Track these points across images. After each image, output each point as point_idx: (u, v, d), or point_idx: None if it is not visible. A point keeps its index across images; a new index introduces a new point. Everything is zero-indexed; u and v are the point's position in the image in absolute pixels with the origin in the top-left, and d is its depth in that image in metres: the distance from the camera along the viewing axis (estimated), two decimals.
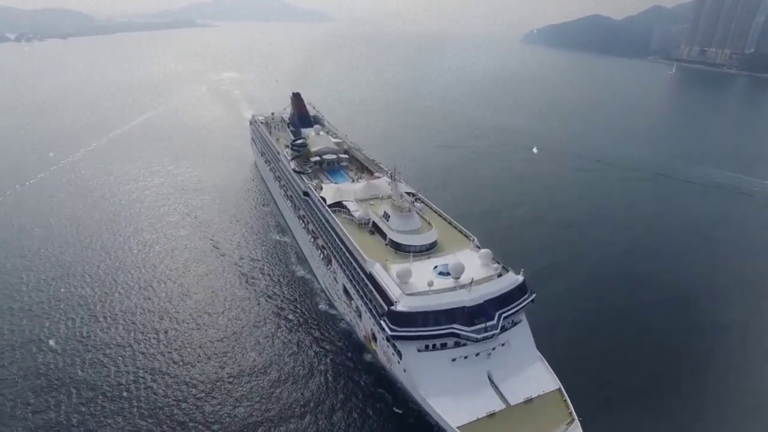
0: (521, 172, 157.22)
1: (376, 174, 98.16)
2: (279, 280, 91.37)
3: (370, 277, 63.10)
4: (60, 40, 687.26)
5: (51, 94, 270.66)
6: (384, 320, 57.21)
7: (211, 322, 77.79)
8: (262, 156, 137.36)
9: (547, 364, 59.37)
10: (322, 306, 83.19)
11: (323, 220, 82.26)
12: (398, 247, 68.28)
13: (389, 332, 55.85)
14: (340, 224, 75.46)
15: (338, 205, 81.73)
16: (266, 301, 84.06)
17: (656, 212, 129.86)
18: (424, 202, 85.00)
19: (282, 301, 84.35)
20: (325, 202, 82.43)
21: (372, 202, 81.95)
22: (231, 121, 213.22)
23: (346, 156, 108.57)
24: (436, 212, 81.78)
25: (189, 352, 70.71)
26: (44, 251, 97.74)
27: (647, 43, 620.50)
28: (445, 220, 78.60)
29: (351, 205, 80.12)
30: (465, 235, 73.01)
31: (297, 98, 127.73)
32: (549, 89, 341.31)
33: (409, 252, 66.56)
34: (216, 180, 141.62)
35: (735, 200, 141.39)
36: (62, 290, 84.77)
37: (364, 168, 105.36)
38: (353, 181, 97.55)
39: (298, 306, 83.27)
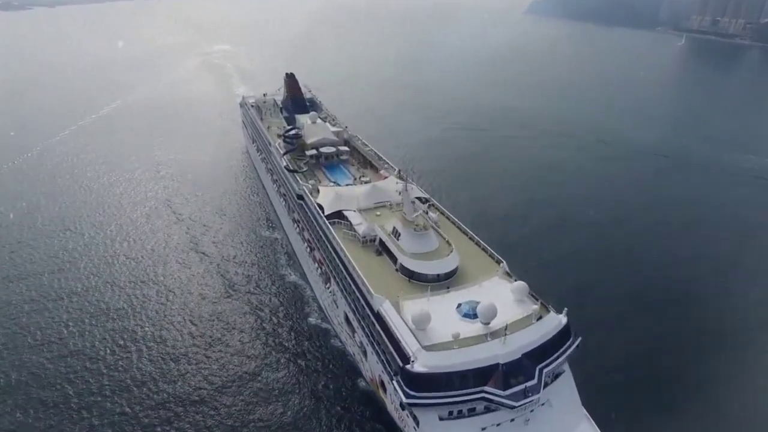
0: (540, 160, 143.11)
1: (382, 172, 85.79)
2: (266, 284, 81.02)
3: (379, 318, 51.42)
4: (47, 8, 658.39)
5: (28, 71, 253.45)
6: (397, 381, 45.69)
7: (178, 334, 68.40)
8: (253, 143, 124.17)
9: (594, 425, 48.32)
10: (313, 319, 73.12)
11: (321, 234, 70.13)
12: (412, 276, 56.36)
13: (404, 399, 44.42)
14: (340, 243, 63.29)
15: (338, 216, 69.46)
16: (249, 308, 74.34)
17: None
18: (438, 210, 72.93)
19: (268, 310, 74.38)
20: (323, 212, 70.03)
21: (378, 212, 69.85)
22: (221, 99, 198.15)
23: (346, 149, 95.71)
24: (453, 223, 69.64)
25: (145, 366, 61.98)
26: None
27: (655, 14, 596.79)
28: (466, 235, 66.42)
29: (353, 217, 67.84)
30: (491, 256, 61.01)
31: (291, 80, 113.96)
32: (560, 64, 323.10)
33: (426, 282, 54.70)
34: (202, 166, 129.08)
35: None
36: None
37: (367, 163, 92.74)
38: (355, 180, 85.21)
39: (286, 317, 73.13)
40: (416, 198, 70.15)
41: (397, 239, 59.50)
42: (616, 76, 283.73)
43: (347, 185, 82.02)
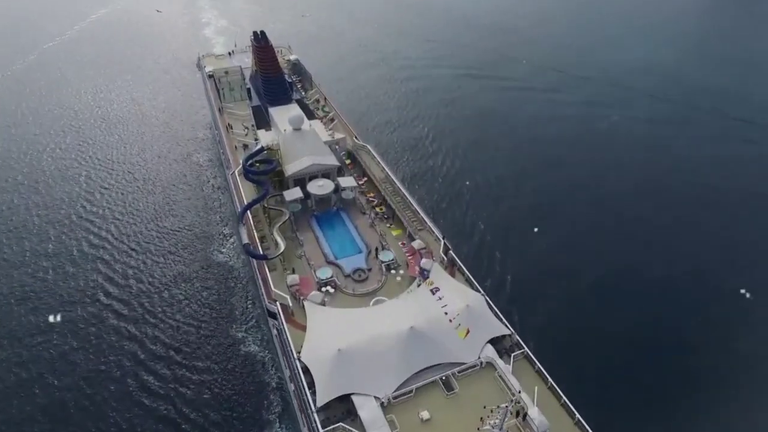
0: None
1: (418, 242, 50.05)
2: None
3: None
4: None
5: None
6: None
7: None
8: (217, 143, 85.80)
9: None
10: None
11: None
12: None
13: None
14: None
15: (342, 406, 35.77)
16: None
17: None
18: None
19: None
20: (314, 399, 35.79)
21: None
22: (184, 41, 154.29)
23: (352, 183, 58.90)
24: None
25: None
26: None
27: None
28: None
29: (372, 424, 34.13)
30: None
31: (262, 45, 72.97)
32: None
33: None
34: (153, 141, 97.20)
35: None
36: None
37: (390, 212, 56.48)
38: (369, 252, 50.34)
39: None
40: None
41: None
42: None
43: (358, 272, 48.39)
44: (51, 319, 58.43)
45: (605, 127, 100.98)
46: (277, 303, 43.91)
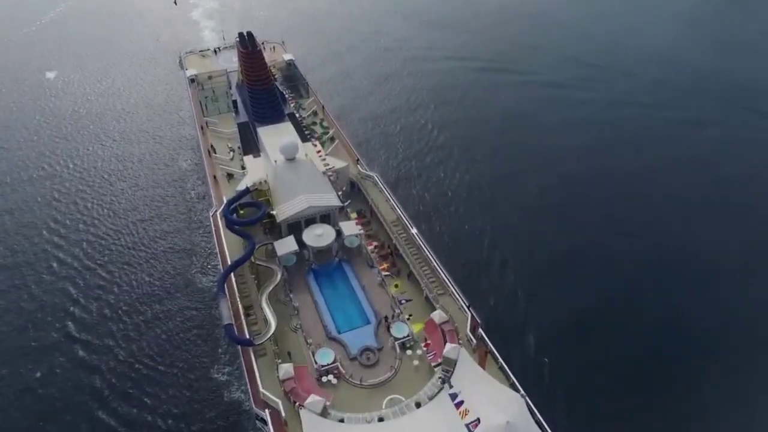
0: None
1: (438, 313, 40.85)
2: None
3: None
4: None
5: None
6: None
7: None
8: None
9: None
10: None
11: None
12: None
13: None
14: None
15: None
16: None
17: None
18: None
19: None
20: None
21: None
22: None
23: (358, 230, 49.19)
24: None
25: None
26: None
27: None
28: None
29: None
30: None
31: (248, 48, 61.29)
32: None
33: None
34: (134, 138, 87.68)
35: None
36: None
37: (401, 264, 47.28)
38: (379, 322, 42.57)
39: None
40: None
41: None
42: None
43: (366, 353, 40.33)
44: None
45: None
46: (267, 411, 34.81)
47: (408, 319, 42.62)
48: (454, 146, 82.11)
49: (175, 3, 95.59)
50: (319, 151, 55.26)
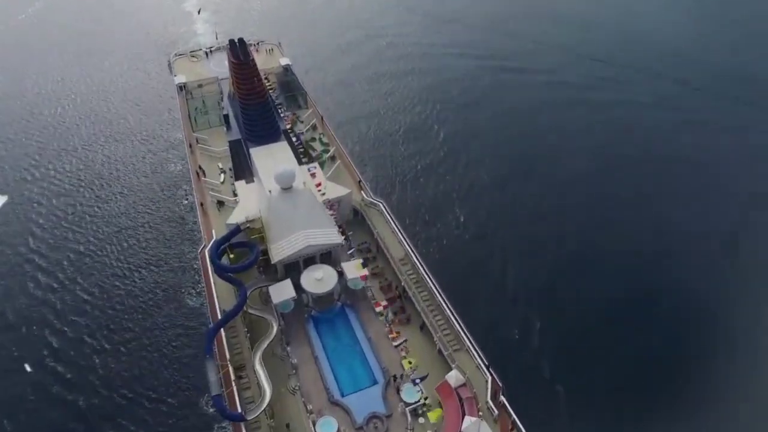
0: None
1: (455, 368, 36.47)
2: None
3: None
4: None
5: None
6: None
7: None
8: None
9: None
10: None
11: None
12: None
13: None
14: None
15: None
16: None
17: None
18: None
19: None
20: None
21: None
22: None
23: (362, 272, 43.87)
24: None
25: None
26: None
27: None
28: None
29: None
30: None
31: (240, 59, 55.00)
32: None
33: None
34: (121, 142, 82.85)
35: None
36: None
37: (410, 309, 42.75)
38: (387, 382, 38.53)
39: None
40: None
41: None
42: None
43: (373, 421, 36.00)
44: None
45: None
46: None
47: (422, 381, 37.73)
48: (467, 165, 74.90)
49: (199, 12, 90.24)
50: (318, 185, 49.32)
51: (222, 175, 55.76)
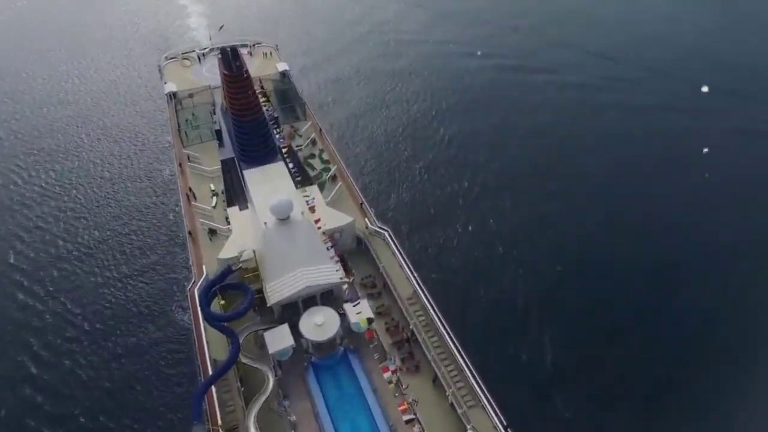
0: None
1: (470, 429, 33.11)
2: None
3: None
4: None
5: None
6: None
7: None
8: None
9: None
10: None
11: None
12: None
13: None
14: None
15: None
16: None
17: None
18: None
19: None
20: None
21: None
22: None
23: (367, 315, 40.05)
24: None
25: None
26: None
27: None
28: None
29: None
30: None
31: (233, 71, 50.19)
32: None
33: None
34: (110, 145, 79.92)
35: None
36: None
37: (420, 355, 39.20)
38: None
39: None
40: None
41: None
42: None
43: None
44: None
45: None
46: None
47: None
48: (484, 185, 69.47)
49: (221, 29, 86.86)
50: (318, 221, 44.86)
51: (214, 199, 51.68)
